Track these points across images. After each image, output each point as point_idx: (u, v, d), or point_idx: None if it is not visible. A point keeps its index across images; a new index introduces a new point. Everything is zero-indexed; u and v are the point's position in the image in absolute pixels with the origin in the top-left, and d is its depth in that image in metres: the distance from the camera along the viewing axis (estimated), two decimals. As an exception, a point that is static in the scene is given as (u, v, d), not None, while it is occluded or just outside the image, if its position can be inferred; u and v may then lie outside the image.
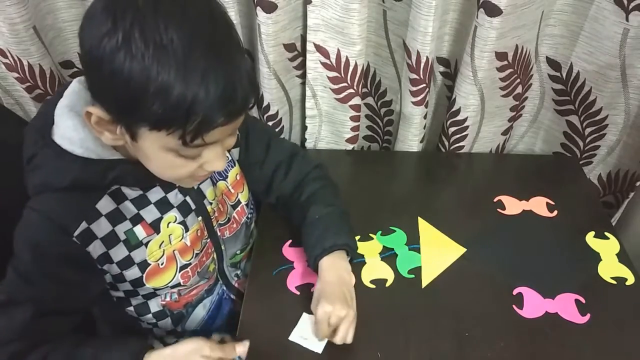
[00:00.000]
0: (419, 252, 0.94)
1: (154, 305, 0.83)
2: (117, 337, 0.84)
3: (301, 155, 0.96)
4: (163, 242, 0.77)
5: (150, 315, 0.84)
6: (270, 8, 0.95)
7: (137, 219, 0.74)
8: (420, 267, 0.92)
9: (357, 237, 0.96)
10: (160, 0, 0.56)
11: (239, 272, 0.96)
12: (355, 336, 0.81)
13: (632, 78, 1.05)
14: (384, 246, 0.95)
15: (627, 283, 0.90)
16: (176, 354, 0.72)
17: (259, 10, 0.95)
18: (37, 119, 0.74)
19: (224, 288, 0.93)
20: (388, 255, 0.94)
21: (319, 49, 1.04)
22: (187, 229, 0.79)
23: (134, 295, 0.80)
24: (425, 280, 0.90)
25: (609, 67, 1.04)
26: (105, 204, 0.72)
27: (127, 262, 0.75)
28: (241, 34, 1.01)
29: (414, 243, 0.96)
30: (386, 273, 0.91)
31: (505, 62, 1.02)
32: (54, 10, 1.02)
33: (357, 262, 0.92)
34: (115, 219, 0.73)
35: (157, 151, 0.64)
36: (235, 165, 0.89)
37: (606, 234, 0.98)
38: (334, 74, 1.08)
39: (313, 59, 1.06)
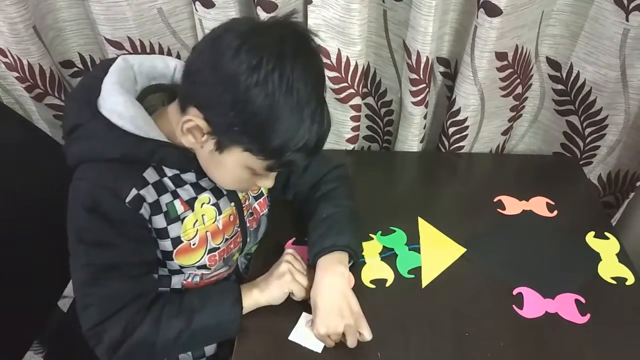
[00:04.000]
0: (419, 252, 0.94)
1: (176, 282, 0.85)
2: (209, 286, 0.87)
3: (321, 154, 0.96)
4: (197, 221, 0.80)
5: (167, 289, 0.85)
6: (271, 8, 0.95)
7: (175, 194, 0.78)
8: (420, 267, 0.92)
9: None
10: (298, 55, 0.66)
11: (246, 262, 0.98)
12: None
13: (632, 78, 1.05)
14: (383, 246, 0.95)
15: (627, 283, 0.90)
16: (265, 276, 0.83)
17: (259, 10, 0.95)
18: (79, 91, 0.78)
19: (235, 277, 0.96)
20: (388, 255, 0.94)
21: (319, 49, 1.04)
22: (220, 212, 0.83)
23: (161, 265, 0.82)
24: (425, 280, 0.90)
25: (609, 67, 1.04)
26: (151, 174, 0.76)
27: (163, 233, 0.78)
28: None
29: (414, 243, 0.96)
30: (386, 273, 0.91)
31: (505, 62, 1.02)
32: (54, 9, 1.02)
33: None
34: (160, 189, 0.76)
35: (236, 166, 0.72)
36: None
37: (606, 234, 0.98)
38: (334, 74, 1.08)
39: (313, 59, 1.06)
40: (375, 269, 0.91)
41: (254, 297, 0.81)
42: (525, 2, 0.94)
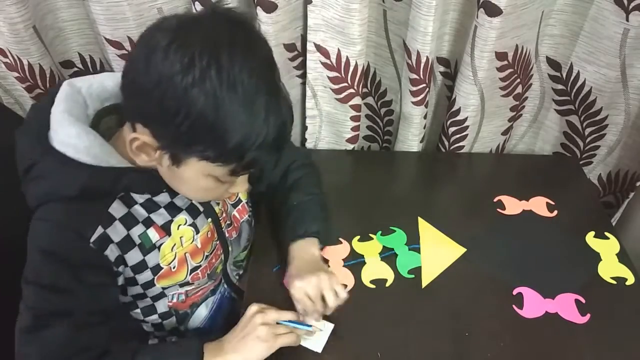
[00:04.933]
0: (419, 252, 0.94)
1: (161, 307, 0.82)
2: (168, 342, 0.83)
3: (289, 143, 0.98)
4: (175, 244, 0.77)
5: (156, 316, 0.83)
6: (271, 8, 0.95)
7: (148, 222, 0.74)
8: (420, 267, 0.92)
9: (357, 237, 0.96)
10: (235, 43, 0.60)
11: (240, 271, 0.97)
12: (355, 336, 0.81)
13: (632, 78, 1.05)
14: (383, 246, 0.95)
15: (627, 283, 0.90)
16: (235, 335, 0.74)
17: (259, 10, 0.95)
18: (27, 126, 0.72)
19: (226, 287, 0.93)
20: (388, 255, 0.94)
21: (319, 48, 1.04)
22: (197, 231, 0.80)
23: (142, 298, 0.80)
24: (425, 280, 0.90)
25: (609, 67, 1.04)
26: (117, 208, 0.71)
27: (141, 266, 0.75)
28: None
29: (414, 243, 0.96)
30: (386, 273, 0.91)
31: (505, 62, 1.02)
32: (54, 9, 1.02)
33: (357, 262, 0.92)
34: (129, 223, 0.72)
35: (198, 177, 0.67)
36: None
37: (606, 234, 0.98)
38: (334, 74, 1.08)
39: (313, 59, 1.06)
40: (375, 269, 0.91)
41: None
42: (525, 2, 0.94)
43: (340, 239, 0.96)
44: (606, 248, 0.96)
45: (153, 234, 0.75)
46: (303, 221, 0.88)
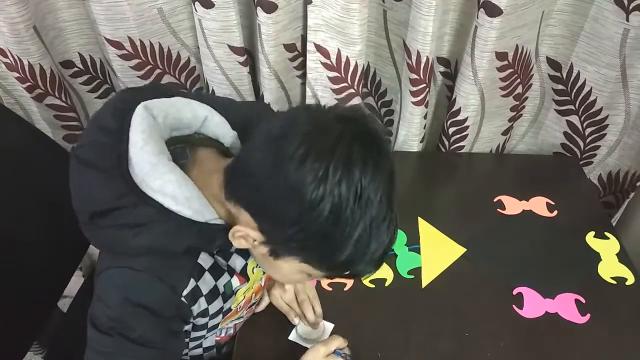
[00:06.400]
0: (419, 253, 0.94)
1: (208, 343, 0.80)
2: None
3: None
4: (249, 288, 0.76)
5: (200, 350, 0.81)
6: (271, 8, 0.95)
7: (231, 271, 0.71)
8: (420, 268, 0.92)
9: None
10: (367, 161, 0.56)
11: None
12: (356, 336, 0.81)
13: (632, 78, 1.05)
14: (384, 246, 0.95)
15: (627, 283, 0.90)
16: None
17: (259, 10, 0.95)
18: (95, 154, 0.63)
19: None
20: (387, 256, 0.93)
21: (319, 49, 1.04)
22: (264, 271, 0.78)
23: (197, 339, 0.77)
24: (425, 280, 0.90)
25: (609, 67, 1.04)
26: (205, 258, 0.68)
27: (217, 313, 0.72)
28: (240, 34, 1.01)
29: (413, 243, 0.96)
30: (385, 272, 0.91)
31: (506, 62, 1.02)
32: (54, 10, 1.02)
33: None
34: (216, 273, 0.69)
35: (293, 272, 0.64)
36: None
37: (606, 234, 0.98)
38: (334, 74, 1.08)
39: (313, 59, 1.06)
40: (375, 269, 0.91)
41: None
42: (525, 2, 0.94)
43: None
44: (606, 248, 0.96)
45: (235, 282, 0.72)
46: None
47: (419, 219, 1.00)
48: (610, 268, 0.92)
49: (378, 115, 1.25)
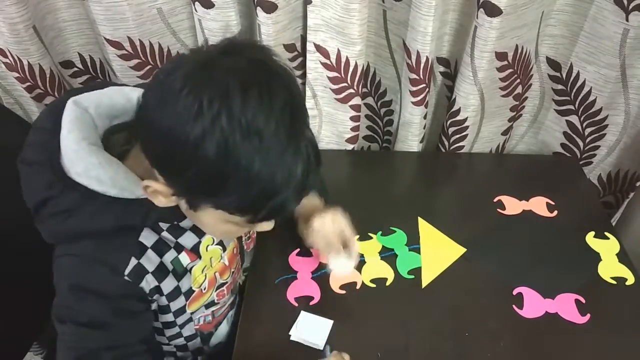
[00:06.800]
0: (419, 253, 0.94)
1: (187, 332, 0.81)
2: None
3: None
4: (205, 266, 0.75)
5: (181, 339, 0.82)
6: (271, 8, 0.95)
7: (179, 247, 0.72)
8: (420, 268, 0.92)
9: (357, 237, 0.96)
10: (248, 87, 0.53)
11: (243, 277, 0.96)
12: (356, 336, 0.81)
13: (632, 78, 1.05)
14: (383, 246, 0.95)
15: (627, 283, 0.90)
16: None
17: (259, 10, 0.95)
18: (34, 153, 0.66)
19: (237, 296, 0.92)
20: (388, 256, 0.94)
21: (319, 49, 1.04)
22: (224, 249, 0.78)
23: (171, 327, 0.78)
24: (425, 280, 0.90)
25: (609, 67, 1.04)
26: (147, 235, 0.68)
27: (175, 293, 0.73)
28: (241, 34, 1.01)
29: (414, 243, 0.96)
30: (386, 272, 0.91)
31: (505, 62, 1.02)
32: (54, 10, 1.02)
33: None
34: (161, 250, 0.70)
35: (217, 222, 0.63)
36: None
37: (606, 234, 0.98)
38: (334, 74, 1.08)
39: (313, 59, 1.06)
40: (375, 268, 0.91)
41: None
42: (525, 2, 0.94)
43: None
44: (606, 248, 0.96)
45: (184, 258, 0.72)
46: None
47: (419, 219, 1.00)
48: (610, 268, 0.92)
49: (378, 115, 1.25)
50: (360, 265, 0.92)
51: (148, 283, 0.69)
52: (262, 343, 0.81)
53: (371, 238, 0.97)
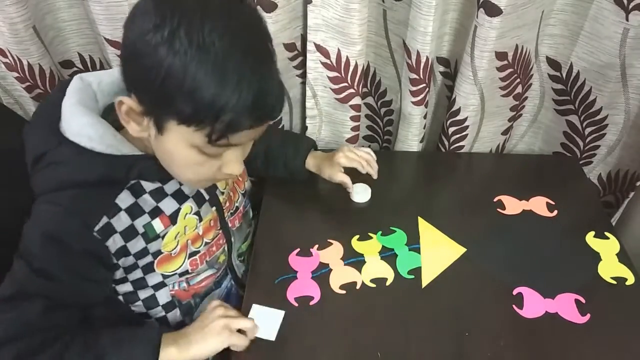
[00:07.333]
0: (419, 253, 0.94)
1: (163, 297, 0.83)
2: (128, 328, 0.79)
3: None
4: (179, 232, 0.79)
5: (159, 308, 0.84)
6: (271, 7, 0.95)
7: (155, 212, 0.76)
8: (420, 268, 0.92)
9: (357, 237, 0.96)
10: (208, 6, 0.59)
11: (244, 267, 0.97)
12: (356, 336, 0.81)
13: (632, 78, 1.05)
14: (383, 246, 0.95)
15: (627, 283, 0.90)
16: (194, 327, 0.77)
17: (259, 9, 0.95)
18: (38, 119, 0.75)
19: (232, 282, 0.94)
20: (388, 255, 0.94)
21: (319, 48, 1.04)
22: (200, 219, 0.82)
23: (143, 286, 0.81)
24: (425, 280, 0.90)
25: (609, 67, 1.04)
26: (124, 198, 0.73)
27: (142, 253, 0.76)
28: None
29: (414, 243, 0.96)
30: (386, 272, 0.91)
31: (505, 62, 1.02)
32: (54, 10, 1.02)
33: (356, 261, 0.92)
34: (134, 213, 0.74)
35: (181, 147, 0.65)
36: None
37: (606, 234, 0.98)
38: (334, 73, 1.08)
39: (313, 59, 1.06)
40: (375, 268, 0.91)
41: (171, 355, 0.73)
42: (525, 2, 0.94)
43: (331, 240, 0.96)
44: (606, 248, 0.96)
45: (158, 225, 0.76)
46: (299, 143, 1.03)
47: (419, 219, 1.00)
48: (610, 268, 0.92)
49: (378, 115, 1.25)
50: (360, 265, 0.92)
51: (115, 242, 0.72)
52: (262, 344, 0.81)
53: (371, 238, 0.97)
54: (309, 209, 1.04)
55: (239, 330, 0.78)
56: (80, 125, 0.70)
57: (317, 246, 0.95)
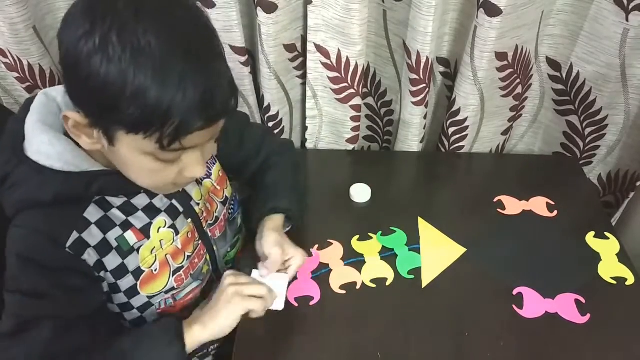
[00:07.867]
0: (419, 253, 0.94)
1: (150, 318, 0.81)
2: (148, 323, 0.79)
3: (271, 135, 1.04)
4: (154, 247, 0.76)
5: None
6: (271, 8, 0.96)
7: (126, 225, 0.73)
8: (420, 268, 0.92)
9: (357, 237, 0.96)
10: (141, 5, 0.56)
11: None
12: (356, 336, 0.81)
13: (632, 78, 1.05)
14: (383, 246, 0.95)
15: (627, 283, 0.90)
16: (210, 304, 0.75)
17: (259, 10, 0.95)
18: (4, 139, 0.71)
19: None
20: (388, 256, 0.94)
21: (319, 49, 1.04)
22: (177, 232, 0.78)
23: (129, 309, 0.78)
24: (425, 281, 0.90)
25: (609, 67, 1.04)
26: (92, 212, 0.71)
27: (121, 271, 0.74)
28: (242, 34, 1.01)
29: (414, 243, 0.96)
30: (386, 272, 0.91)
31: (505, 62, 1.02)
32: (54, 10, 1.02)
33: (357, 261, 0.92)
34: (105, 226, 0.71)
35: (134, 155, 0.63)
36: (216, 161, 0.89)
37: (606, 234, 0.98)
38: (334, 74, 1.08)
39: (313, 59, 1.06)
40: (375, 268, 0.91)
41: (195, 335, 0.72)
42: (525, 2, 0.94)
43: (332, 240, 0.96)
44: (606, 248, 0.96)
45: (131, 237, 0.73)
46: (273, 197, 0.89)
47: (419, 219, 1.01)
48: (610, 268, 0.92)
49: (378, 115, 1.25)
50: (360, 265, 0.92)
51: (90, 256, 0.70)
52: (262, 343, 0.81)
53: (371, 238, 0.97)
54: (308, 209, 1.04)
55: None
56: (39, 143, 0.68)
57: (317, 246, 0.95)
